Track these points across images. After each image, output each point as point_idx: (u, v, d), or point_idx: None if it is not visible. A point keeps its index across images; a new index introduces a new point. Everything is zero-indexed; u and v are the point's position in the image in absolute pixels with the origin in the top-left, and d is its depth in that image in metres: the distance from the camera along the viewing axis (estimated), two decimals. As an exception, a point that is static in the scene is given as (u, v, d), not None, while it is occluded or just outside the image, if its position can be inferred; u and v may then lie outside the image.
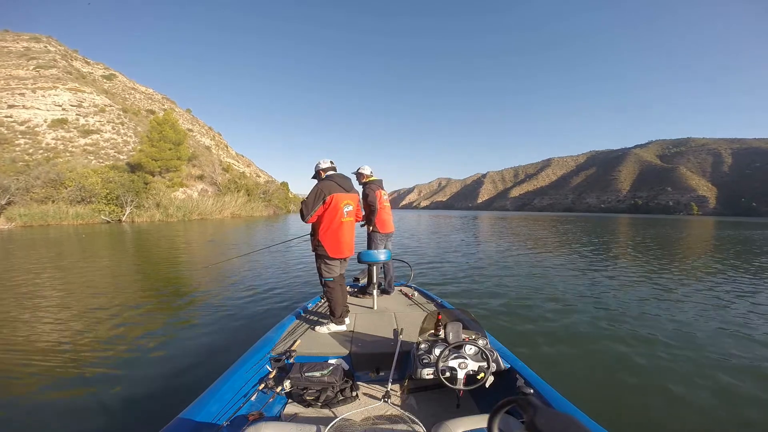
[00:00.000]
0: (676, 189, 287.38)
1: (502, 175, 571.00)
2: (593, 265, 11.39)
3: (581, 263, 11.85)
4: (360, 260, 4.32)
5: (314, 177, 3.77)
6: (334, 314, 3.55)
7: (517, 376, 2.47)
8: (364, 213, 4.76)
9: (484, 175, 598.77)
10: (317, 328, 3.51)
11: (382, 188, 5.00)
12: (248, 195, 55.68)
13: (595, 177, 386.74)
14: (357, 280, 5.22)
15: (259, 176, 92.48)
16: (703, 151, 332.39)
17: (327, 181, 3.49)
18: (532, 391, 2.29)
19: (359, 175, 5.02)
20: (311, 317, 3.86)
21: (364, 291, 4.85)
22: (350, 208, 3.58)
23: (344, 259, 3.73)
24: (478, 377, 2.33)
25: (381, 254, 4.27)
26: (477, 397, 2.63)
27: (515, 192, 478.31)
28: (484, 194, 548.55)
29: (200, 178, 55.71)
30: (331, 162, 3.71)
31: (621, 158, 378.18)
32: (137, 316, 5.74)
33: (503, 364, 2.46)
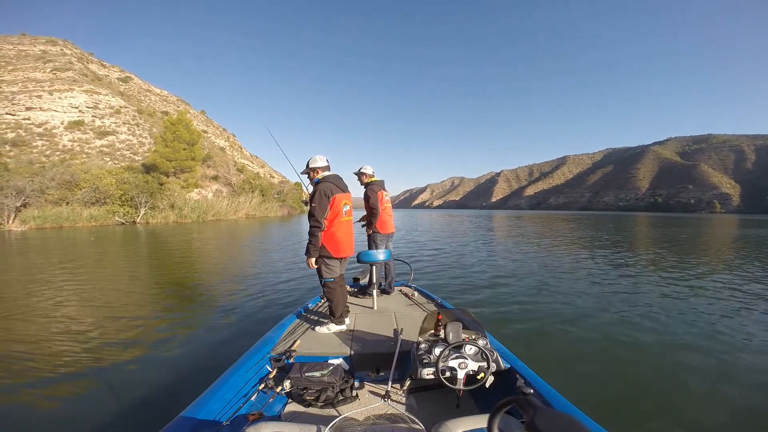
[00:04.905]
0: (698, 186, 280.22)
1: (517, 174, 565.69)
2: (596, 265, 11.15)
3: (584, 263, 11.64)
4: (360, 260, 4.27)
5: (305, 173, 3.69)
6: (335, 314, 3.51)
7: (517, 376, 2.43)
8: (365, 214, 4.88)
9: (497, 174, 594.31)
10: (317, 328, 3.48)
11: (384, 189, 4.93)
12: (262, 195, 55.20)
13: (612, 175, 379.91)
14: (357, 280, 5.15)
15: (273, 177, 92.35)
16: (725, 148, 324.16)
17: (326, 182, 3.44)
18: (532, 391, 2.24)
19: (361, 175, 4.93)
20: (311, 317, 3.83)
21: (364, 291, 4.80)
22: (348, 207, 3.57)
23: (344, 259, 3.69)
24: (478, 377, 2.30)
25: (380, 254, 4.22)
26: (477, 397, 2.60)
27: (530, 190, 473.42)
28: (498, 193, 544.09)
29: (215, 178, 55.45)
30: (327, 160, 3.62)
31: (639, 155, 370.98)
32: (138, 317, 5.76)
33: (503, 364, 2.44)
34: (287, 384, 2.49)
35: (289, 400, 2.51)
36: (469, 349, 2.38)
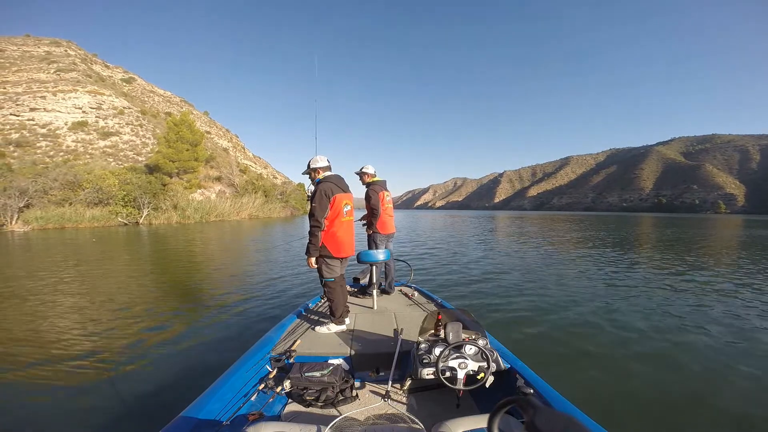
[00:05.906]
0: (702, 187, 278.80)
1: (520, 174, 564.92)
2: (597, 265, 11.01)
3: (586, 263, 11.47)
4: (360, 260, 4.27)
5: (306, 174, 3.69)
6: (335, 314, 3.50)
7: (517, 376, 2.43)
8: (365, 214, 4.89)
9: (500, 175, 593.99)
10: (317, 328, 3.47)
11: (386, 189, 4.91)
12: (265, 196, 55.19)
13: (616, 175, 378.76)
14: (357, 280, 5.09)
15: (276, 177, 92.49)
16: (729, 148, 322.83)
17: (327, 182, 3.44)
18: (532, 391, 2.25)
19: (363, 174, 4.90)
20: (311, 317, 3.82)
21: (364, 291, 4.77)
22: (348, 207, 3.57)
23: (345, 259, 3.69)
24: (478, 377, 2.31)
25: (380, 254, 4.22)
26: (477, 397, 2.60)
27: (533, 191, 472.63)
28: (501, 194, 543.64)
29: (218, 179, 55.47)
30: (327, 160, 3.62)
31: (643, 156, 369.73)
32: (138, 317, 5.73)
33: (503, 364, 2.44)
34: (287, 384, 2.48)
35: (289, 400, 2.50)
36: (469, 349, 2.38)
